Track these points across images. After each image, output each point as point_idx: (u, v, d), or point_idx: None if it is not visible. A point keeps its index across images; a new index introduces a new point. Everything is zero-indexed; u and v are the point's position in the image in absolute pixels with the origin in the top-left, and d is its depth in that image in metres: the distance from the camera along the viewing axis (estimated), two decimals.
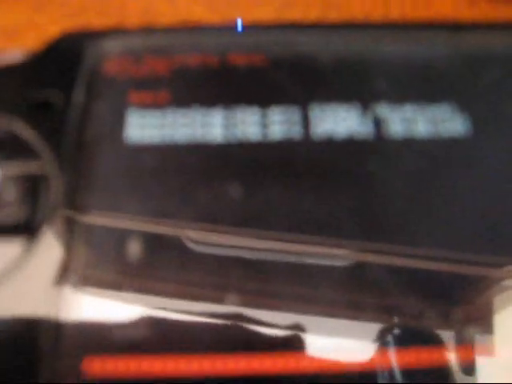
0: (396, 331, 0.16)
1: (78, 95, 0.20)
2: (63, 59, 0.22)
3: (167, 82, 0.21)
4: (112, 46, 0.22)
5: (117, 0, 0.30)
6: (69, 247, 0.18)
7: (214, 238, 0.18)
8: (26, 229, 0.18)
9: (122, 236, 0.18)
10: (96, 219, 0.18)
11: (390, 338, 0.16)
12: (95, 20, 0.30)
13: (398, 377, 0.16)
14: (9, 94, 0.21)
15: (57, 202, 0.19)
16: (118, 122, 0.20)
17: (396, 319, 0.17)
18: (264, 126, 0.20)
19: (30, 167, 0.19)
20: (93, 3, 0.31)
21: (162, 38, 0.22)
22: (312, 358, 0.16)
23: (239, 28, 0.22)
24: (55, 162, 0.19)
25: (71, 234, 0.18)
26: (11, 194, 0.19)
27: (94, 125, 0.20)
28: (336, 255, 0.17)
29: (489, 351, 0.15)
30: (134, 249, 0.17)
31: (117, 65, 0.21)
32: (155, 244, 0.18)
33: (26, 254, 0.18)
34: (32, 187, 0.19)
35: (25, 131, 0.20)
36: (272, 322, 0.16)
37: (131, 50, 0.22)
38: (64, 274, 0.17)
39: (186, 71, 0.21)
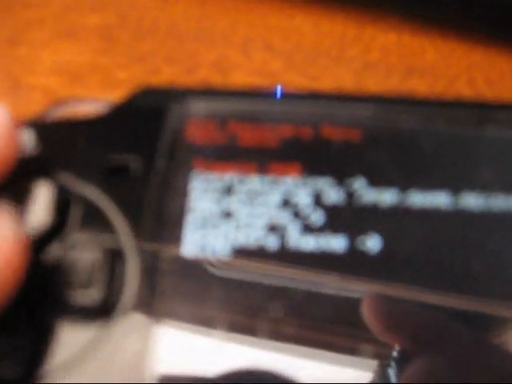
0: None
1: (159, 163, 0.19)
2: (143, 119, 0.20)
3: (252, 153, 0.19)
4: (196, 108, 0.20)
5: (189, 47, 0.29)
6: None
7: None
8: (101, 311, 0.17)
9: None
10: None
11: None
12: (164, 66, 0.28)
13: None
14: (85, 156, 0.19)
15: (132, 283, 0.17)
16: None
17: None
18: None
19: (105, 241, 0.18)
20: (162, 48, 0.29)
21: (252, 103, 0.20)
22: None
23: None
24: (132, 238, 0.18)
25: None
26: (86, 272, 0.17)
27: (174, 198, 0.18)
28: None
29: None
30: None
31: (201, 130, 0.19)
32: None
33: (99, 340, 0.16)
34: (107, 264, 0.17)
35: (101, 200, 0.18)
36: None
37: (216, 113, 0.20)
38: None
39: (277, 142, 0.19)
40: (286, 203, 0.18)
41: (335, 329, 0.17)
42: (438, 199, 0.19)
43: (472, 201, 0.19)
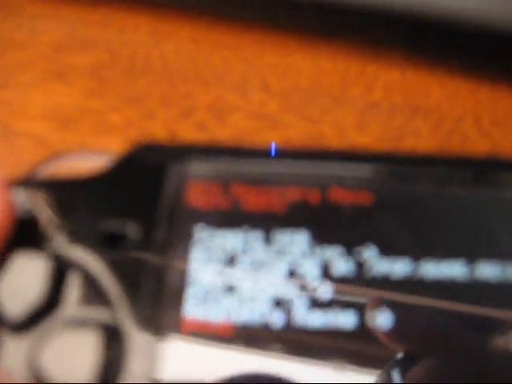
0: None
1: (158, 230, 0.18)
2: (142, 179, 0.20)
3: (257, 219, 0.19)
4: (197, 167, 0.20)
5: (183, 87, 0.29)
6: None
7: None
8: None
9: None
10: None
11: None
12: (158, 110, 0.28)
13: None
14: (80, 221, 0.19)
15: (129, 361, 0.17)
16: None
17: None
18: None
19: (100, 315, 0.17)
20: (157, 89, 0.29)
21: (256, 164, 0.20)
22: None
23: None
24: (129, 313, 0.17)
25: None
26: (82, 349, 0.17)
27: (174, 269, 0.18)
28: None
29: None
30: None
31: (202, 194, 0.19)
32: None
33: None
34: (104, 339, 0.17)
35: (97, 271, 0.18)
36: None
37: (218, 174, 0.20)
38: None
39: (283, 206, 0.19)
40: (292, 275, 0.18)
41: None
42: (453, 269, 0.18)
43: (489, 270, 0.18)
